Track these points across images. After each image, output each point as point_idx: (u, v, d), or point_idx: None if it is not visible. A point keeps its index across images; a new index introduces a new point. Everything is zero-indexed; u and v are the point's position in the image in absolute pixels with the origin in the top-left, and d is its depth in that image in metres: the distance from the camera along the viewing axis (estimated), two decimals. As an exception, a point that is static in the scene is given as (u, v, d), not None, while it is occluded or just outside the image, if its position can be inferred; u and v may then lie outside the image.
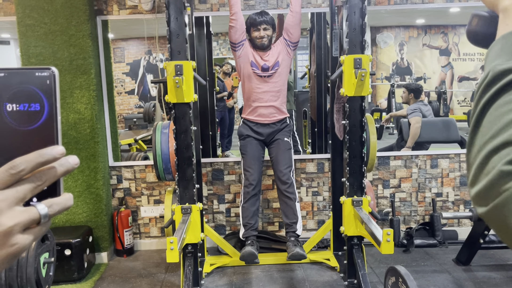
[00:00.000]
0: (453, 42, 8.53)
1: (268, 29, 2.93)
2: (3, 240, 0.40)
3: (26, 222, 0.41)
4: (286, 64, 2.99)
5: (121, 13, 3.44)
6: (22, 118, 0.45)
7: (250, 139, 3.01)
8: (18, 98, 0.45)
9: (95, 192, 3.37)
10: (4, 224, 0.40)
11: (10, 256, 0.41)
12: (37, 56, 3.20)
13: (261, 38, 2.91)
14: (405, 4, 3.50)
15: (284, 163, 2.94)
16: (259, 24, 2.91)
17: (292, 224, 2.91)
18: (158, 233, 3.73)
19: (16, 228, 0.40)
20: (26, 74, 0.46)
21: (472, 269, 3.12)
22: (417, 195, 3.74)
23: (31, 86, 0.46)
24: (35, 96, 0.46)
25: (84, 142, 3.30)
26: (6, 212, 0.40)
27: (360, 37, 2.67)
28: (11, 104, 0.45)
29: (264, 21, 2.91)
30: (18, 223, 0.40)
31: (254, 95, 2.96)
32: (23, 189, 0.41)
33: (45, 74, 0.46)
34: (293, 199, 2.92)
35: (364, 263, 2.80)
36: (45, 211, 0.42)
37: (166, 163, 2.91)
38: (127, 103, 8.55)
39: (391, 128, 7.37)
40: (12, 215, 0.40)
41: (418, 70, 8.49)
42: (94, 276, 3.21)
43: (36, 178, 0.42)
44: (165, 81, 2.63)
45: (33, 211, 0.42)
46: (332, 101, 3.15)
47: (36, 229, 0.42)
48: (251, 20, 2.94)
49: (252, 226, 2.93)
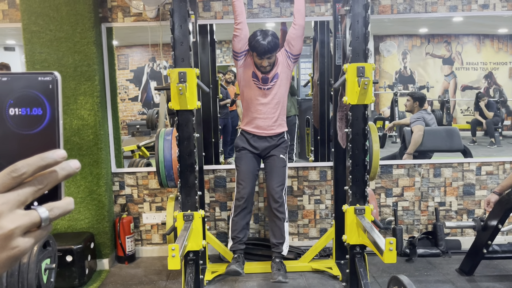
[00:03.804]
0: (456, 51, 8.54)
1: (271, 57, 2.83)
2: (3, 243, 0.40)
3: (27, 225, 0.41)
4: (285, 76, 2.93)
5: (125, 21, 3.46)
6: (24, 122, 0.45)
7: (245, 152, 2.96)
8: (20, 102, 0.46)
9: (97, 198, 3.37)
10: (5, 227, 0.40)
11: (11, 259, 0.41)
12: (42, 62, 3.22)
13: (264, 67, 2.84)
14: (408, 13, 3.51)
15: (277, 180, 2.90)
16: (263, 54, 2.79)
17: (278, 244, 2.92)
18: (160, 240, 3.73)
19: (17, 231, 0.40)
20: (29, 78, 0.46)
21: (476, 279, 3.10)
22: (420, 204, 3.72)
23: (34, 91, 0.46)
24: (37, 101, 0.46)
25: (87, 148, 3.30)
26: (7, 215, 0.40)
27: (363, 46, 2.67)
28: (13, 108, 0.45)
29: (269, 51, 2.77)
30: (19, 226, 0.40)
31: (253, 106, 2.92)
32: (24, 193, 0.41)
33: (48, 78, 0.46)
34: (282, 219, 2.91)
35: (367, 272, 2.77)
36: (45, 214, 0.42)
37: (169, 169, 2.91)
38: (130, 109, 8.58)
39: (394, 136, 7.36)
40: (13, 218, 0.40)
41: (421, 79, 8.49)
42: (96, 282, 3.20)
43: (38, 181, 0.42)
44: (169, 88, 2.64)
45: (34, 214, 0.42)
46: (335, 109, 3.15)
47: (37, 232, 0.42)
48: (255, 44, 2.78)
49: (240, 240, 2.90)
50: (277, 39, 2.81)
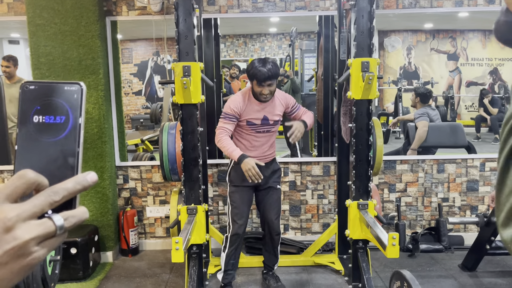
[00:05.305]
0: (461, 47, 8.50)
1: (272, 85, 2.68)
2: (18, 253, 0.40)
3: (42, 235, 0.41)
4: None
5: (130, 14, 3.46)
6: (46, 130, 0.46)
7: (241, 188, 2.82)
8: (45, 110, 0.46)
9: (101, 191, 3.39)
10: (21, 237, 0.40)
11: (25, 268, 0.41)
12: (47, 55, 3.23)
13: (264, 95, 2.67)
14: (414, 8, 3.49)
15: (275, 212, 2.88)
16: (263, 81, 2.63)
17: (272, 266, 3.01)
18: (163, 234, 3.74)
19: (32, 242, 0.40)
20: (55, 87, 0.47)
21: (478, 275, 3.10)
22: (423, 200, 3.72)
23: (59, 100, 0.47)
24: (61, 109, 0.47)
25: (92, 141, 3.32)
26: (22, 225, 0.40)
27: (368, 41, 2.67)
28: (37, 115, 0.46)
29: (269, 77, 2.63)
30: (34, 237, 0.40)
31: (249, 142, 2.79)
32: (40, 204, 0.41)
33: (74, 88, 0.47)
34: (278, 245, 2.96)
35: (369, 267, 2.78)
36: (60, 222, 0.42)
37: (173, 163, 2.92)
38: (134, 103, 8.60)
39: (398, 132, 7.34)
40: (28, 229, 0.40)
41: (426, 74, 8.46)
42: (99, 275, 3.23)
43: (54, 193, 0.42)
44: (173, 82, 2.64)
45: (49, 224, 0.42)
46: (339, 104, 3.15)
47: (52, 240, 0.42)
48: (255, 71, 2.64)
49: (232, 274, 2.91)
50: (277, 67, 2.69)
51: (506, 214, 0.45)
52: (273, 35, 8.39)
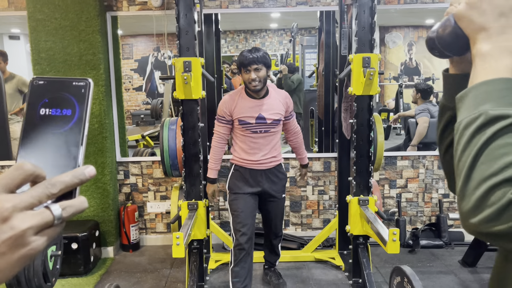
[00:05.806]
0: (463, 42, 8.46)
1: (260, 69, 2.48)
2: (16, 242, 0.40)
3: (39, 224, 0.41)
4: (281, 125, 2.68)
5: (130, 9, 3.45)
6: (53, 121, 0.48)
7: (242, 194, 2.62)
8: (52, 103, 0.48)
9: (102, 187, 3.40)
10: (17, 227, 0.39)
11: (24, 258, 0.40)
12: (47, 51, 3.22)
13: (252, 80, 2.48)
14: (415, 4, 3.48)
15: (278, 219, 2.82)
16: (248, 65, 2.47)
17: (273, 262, 3.02)
18: (164, 229, 3.75)
19: (30, 231, 0.40)
20: (64, 83, 0.49)
21: (478, 271, 3.11)
22: (424, 196, 3.73)
23: (67, 94, 0.48)
24: (68, 103, 0.48)
25: (92, 137, 3.32)
26: (19, 215, 0.40)
27: (369, 36, 2.66)
28: (44, 108, 0.48)
29: (254, 61, 2.45)
30: (31, 226, 0.40)
31: (246, 144, 2.61)
32: (38, 195, 0.41)
33: (82, 83, 0.49)
34: (279, 244, 2.97)
35: (370, 262, 2.79)
36: (58, 212, 0.42)
37: (173, 159, 2.92)
38: (134, 99, 8.59)
39: (399, 128, 7.34)
40: (25, 218, 0.40)
41: (427, 70, 8.43)
42: (100, 270, 3.24)
43: (51, 185, 0.42)
44: (174, 77, 2.64)
45: (47, 214, 0.41)
46: (340, 99, 3.14)
47: (50, 230, 0.42)
48: (241, 57, 2.51)
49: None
50: (265, 54, 2.51)
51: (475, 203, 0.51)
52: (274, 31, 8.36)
